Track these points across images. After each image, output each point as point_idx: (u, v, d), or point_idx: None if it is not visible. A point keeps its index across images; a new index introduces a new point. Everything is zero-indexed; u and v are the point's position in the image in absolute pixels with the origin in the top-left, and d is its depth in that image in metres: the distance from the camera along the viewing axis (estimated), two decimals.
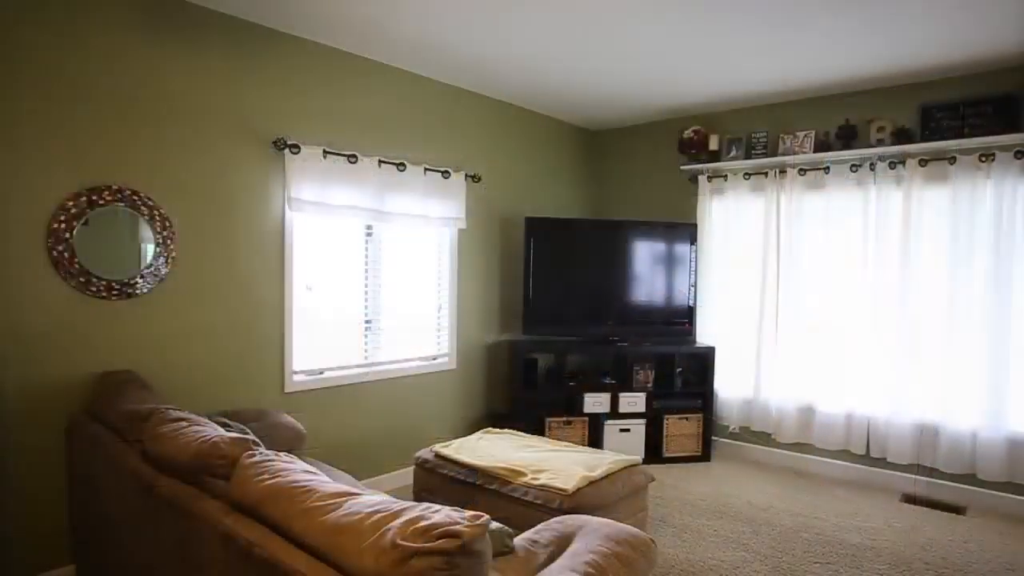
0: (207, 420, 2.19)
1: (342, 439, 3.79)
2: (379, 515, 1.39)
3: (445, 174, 4.23)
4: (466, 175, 4.42)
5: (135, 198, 2.89)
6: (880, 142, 4.17)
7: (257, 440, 1.97)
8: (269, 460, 1.74)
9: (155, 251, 2.97)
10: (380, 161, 3.83)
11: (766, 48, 3.60)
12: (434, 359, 4.37)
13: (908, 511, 3.83)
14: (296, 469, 1.70)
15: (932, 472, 4.07)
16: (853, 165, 4.29)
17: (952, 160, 3.94)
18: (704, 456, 4.73)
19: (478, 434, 3.69)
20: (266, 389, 3.43)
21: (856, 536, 3.44)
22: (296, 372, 3.57)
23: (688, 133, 4.94)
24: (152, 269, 2.96)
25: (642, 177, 5.43)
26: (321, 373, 3.71)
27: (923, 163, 4.04)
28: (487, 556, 1.36)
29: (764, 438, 4.75)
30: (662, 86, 4.36)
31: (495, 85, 4.41)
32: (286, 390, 3.51)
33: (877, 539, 3.41)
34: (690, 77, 4.16)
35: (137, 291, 2.91)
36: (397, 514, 1.38)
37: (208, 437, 1.90)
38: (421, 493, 3.37)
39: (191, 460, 1.86)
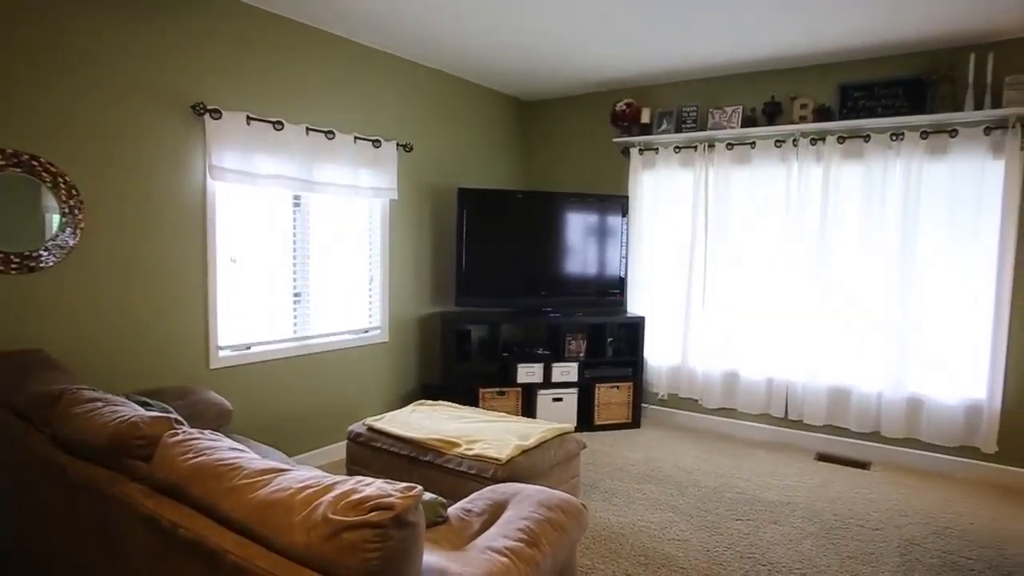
0: (125, 400, 2.09)
1: (272, 415, 3.71)
2: (310, 490, 1.37)
3: (376, 143, 4.13)
4: (398, 145, 4.33)
5: (34, 163, 2.68)
6: (803, 119, 4.34)
7: (180, 419, 1.90)
8: (194, 438, 1.69)
9: (61, 221, 2.77)
10: (308, 129, 3.69)
11: (696, 24, 3.66)
12: (366, 332, 4.31)
13: (821, 468, 4.09)
14: (223, 447, 1.65)
15: (843, 432, 4.36)
16: (777, 141, 4.45)
17: (867, 138, 4.14)
18: (634, 423, 4.89)
19: (411, 406, 3.68)
20: (190, 366, 3.30)
21: (774, 493, 3.65)
22: (222, 348, 3.45)
23: (620, 106, 4.98)
24: (58, 241, 2.77)
25: (576, 149, 5.46)
26: (248, 348, 3.59)
27: (841, 140, 4.23)
28: (421, 527, 1.36)
29: (691, 404, 4.95)
30: (595, 59, 4.38)
31: (426, 52, 4.32)
32: (212, 366, 3.39)
33: (793, 495, 3.63)
34: (622, 50, 4.19)
35: (42, 264, 2.72)
36: (328, 488, 1.37)
37: (126, 417, 1.81)
38: (354, 467, 3.34)
39: (108, 442, 1.77)
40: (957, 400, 3.97)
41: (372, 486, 1.37)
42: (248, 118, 3.37)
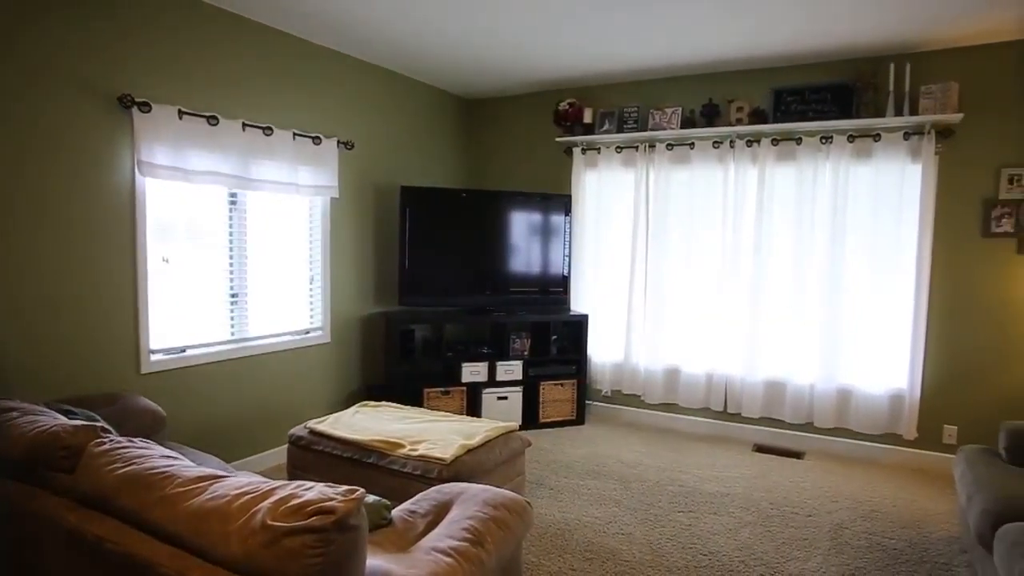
0: (45, 409, 1.98)
1: (209, 420, 3.58)
2: (247, 497, 1.33)
3: (316, 140, 4.04)
4: (338, 142, 4.25)
5: None
6: (739, 121, 4.48)
7: (108, 427, 1.81)
8: (122, 447, 1.61)
9: None
10: (244, 124, 3.58)
11: (637, 28, 3.72)
12: (307, 333, 4.21)
13: (758, 459, 4.24)
14: (154, 455, 1.58)
15: (778, 423, 4.53)
16: (715, 142, 4.58)
17: (799, 141, 4.31)
18: (579, 420, 4.95)
19: (354, 408, 3.62)
20: (119, 371, 3.15)
21: (714, 485, 3.76)
22: (154, 351, 3.31)
23: (563, 105, 5.03)
24: None
25: (519, 148, 5.48)
26: (183, 351, 3.46)
27: (775, 142, 4.39)
28: (363, 530, 1.34)
29: (634, 400, 5.04)
30: (538, 59, 4.40)
31: (368, 49, 4.25)
32: (143, 371, 3.24)
33: (732, 486, 3.74)
34: (565, 51, 4.22)
35: None
36: (267, 494, 1.33)
37: (46, 426, 1.72)
38: (295, 472, 3.27)
39: (25, 454, 1.67)
40: (882, 391, 4.18)
41: (313, 490, 1.34)
42: (180, 112, 3.24)
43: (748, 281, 4.52)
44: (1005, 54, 3.82)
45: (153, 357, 3.30)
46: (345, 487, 1.36)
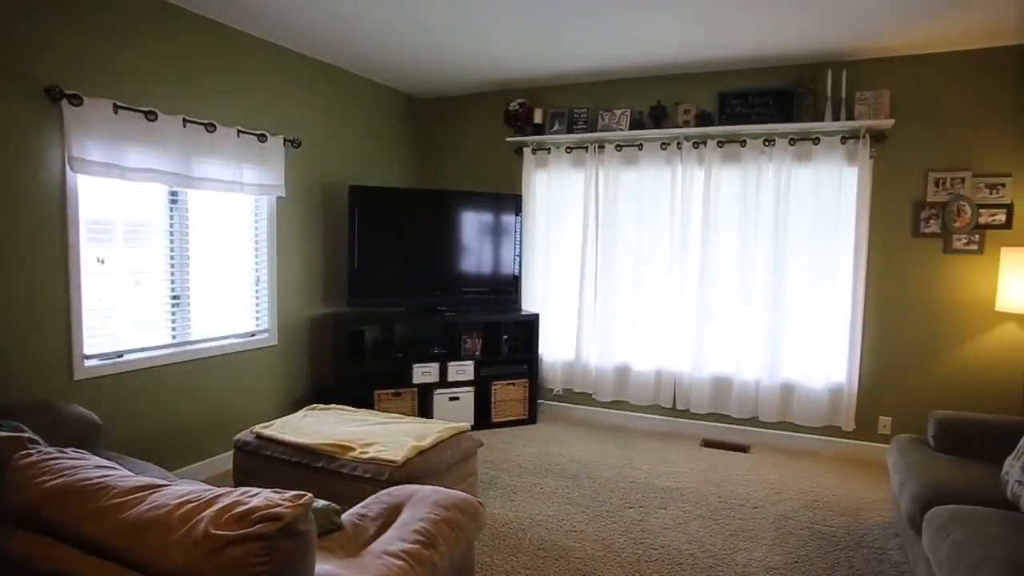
0: None
1: (149, 428, 3.44)
2: (189, 506, 1.28)
3: (261, 138, 3.93)
4: (285, 140, 4.15)
5: None
6: (686, 123, 4.57)
7: (35, 437, 1.72)
8: (52, 458, 1.53)
9: None
10: (186, 120, 3.45)
11: (586, 30, 3.76)
12: (253, 335, 4.10)
13: (706, 454, 4.34)
14: (87, 465, 1.51)
15: (725, 418, 4.65)
16: (663, 143, 4.66)
17: (743, 143, 4.43)
18: (531, 419, 4.96)
19: (303, 411, 3.55)
20: (50, 378, 2.99)
21: (664, 480, 3.83)
22: (88, 357, 3.16)
23: (514, 106, 5.04)
24: None
25: (470, 147, 5.47)
26: (120, 356, 3.31)
27: (721, 144, 4.49)
28: (312, 536, 1.31)
29: (585, 398, 5.09)
30: (489, 59, 4.40)
31: (316, 46, 4.16)
32: (76, 377, 3.09)
33: (681, 481, 3.82)
34: (516, 52, 4.23)
35: None
36: (210, 502, 1.29)
37: None
38: (242, 478, 3.18)
39: None
40: (822, 385, 4.34)
41: (258, 496, 1.30)
42: (116, 106, 3.10)
43: (695, 279, 4.63)
44: (933, 65, 4.02)
45: (87, 363, 3.15)
46: (292, 492, 1.33)
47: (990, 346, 3.99)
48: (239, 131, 3.78)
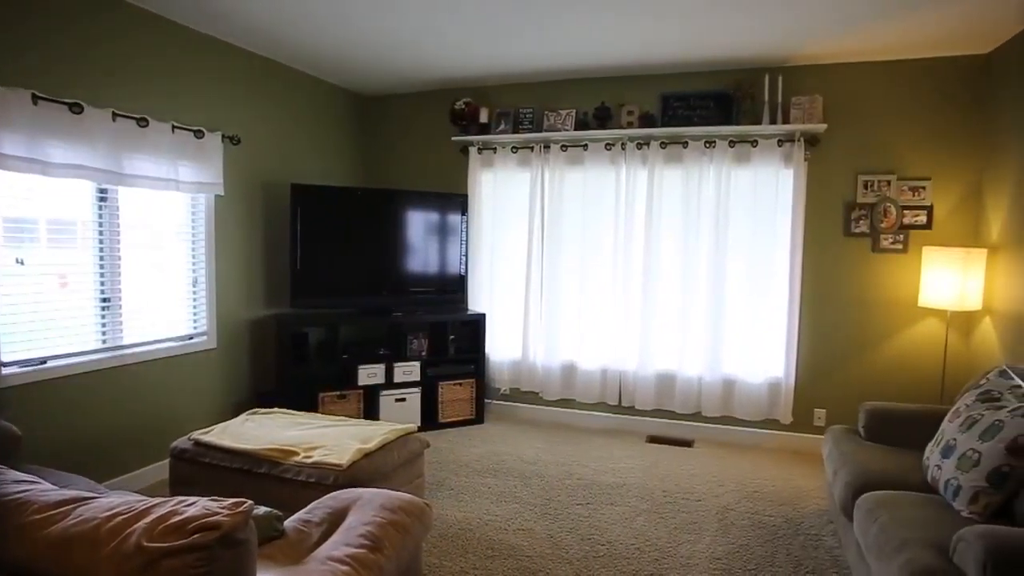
0: None
1: (77, 438, 3.27)
2: (119, 518, 1.22)
3: (198, 134, 3.79)
4: (224, 136, 4.01)
5: None
6: (630, 124, 4.64)
7: None
8: None
9: None
10: (115, 114, 3.29)
11: (531, 30, 3.77)
12: (190, 338, 3.95)
13: (651, 449, 4.42)
14: (4, 481, 1.42)
15: (669, 414, 4.75)
16: (607, 144, 4.72)
17: (685, 144, 4.53)
18: (478, 419, 4.95)
19: (243, 416, 3.44)
20: None
21: (611, 477, 3.88)
22: (6, 364, 2.97)
23: (460, 104, 5.01)
24: None
25: (416, 146, 5.41)
26: (43, 363, 3.13)
27: (663, 146, 4.58)
28: (252, 544, 1.27)
29: (532, 397, 5.11)
30: (434, 57, 4.36)
31: (256, 41, 4.04)
32: None
33: (627, 477, 3.88)
34: (461, 50, 4.21)
35: None
36: (143, 513, 1.23)
37: None
38: (179, 488, 3.05)
39: None
40: (762, 379, 4.48)
41: (195, 506, 1.25)
42: (35, 97, 2.92)
43: (640, 278, 4.70)
44: (862, 73, 4.20)
45: (6, 370, 2.96)
46: (231, 500, 1.28)
47: (914, 340, 4.20)
48: (174, 126, 3.64)
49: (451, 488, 3.66)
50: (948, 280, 3.71)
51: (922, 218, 4.14)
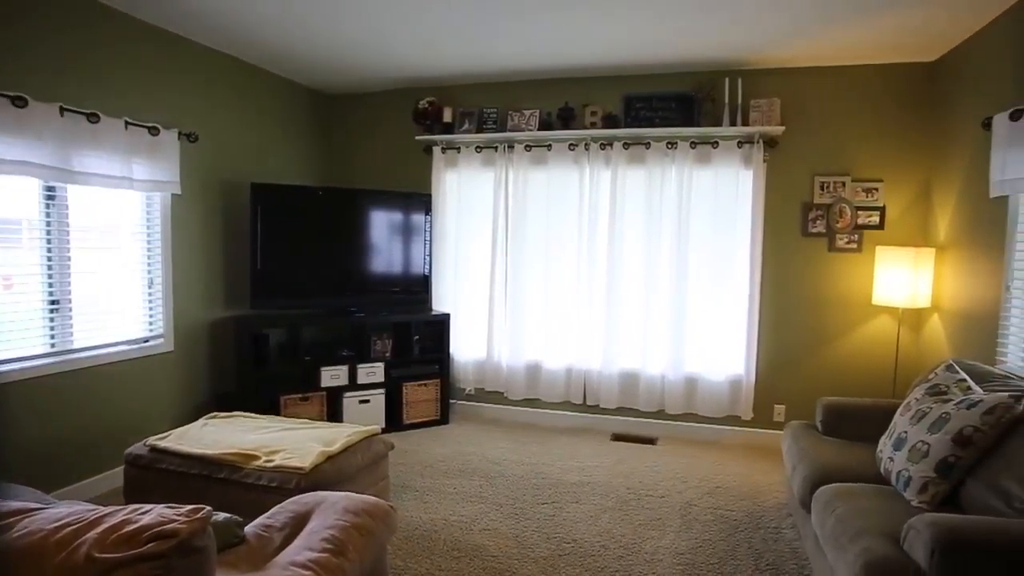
0: None
1: (24, 447, 3.13)
2: (68, 529, 1.18)
3: (153, 131, 3.68)
4: (180, 133, 3.91)
5: None
6: (593, 125, 4.67)
7: None
8: None
9: None
10: (63, 109, 3.17)
11: (494, 31, 3.76)
12: (145, 341, 3.84)
13: (615, 447, 4.46)
14: None
15: (633, 412, 4.80)
16: (571, 144, 4.74)
17: (648, 145, 4.58)
18: (443, 419, 4.93)
19: (202, 420, 3.36)
20: None
21: (576, 475, 3.90)
22: None
23: (423, 104, 4.98)
24: None
25: (379, 145, 5.36)
26: None
27: (626, 146, 4.63)
28: (211, 551, 1.24)
29: (497, 397, 5.11)
30: (398, 56, 4.32)
31: (214, 36, 3.95)
32: None
33: (592, 475, 3.90)
34: (425, 50, 4.18)
35: None
36: (93, 523, 1.19)
37: None
38: (134, 495, 2.97)
39: None
40: (723, 377, 4.56)
41: (150, 513, 1.21)
42: None
43: (603, 278, 4.74)
44: (818, 77, 4.32)
45: None
46: (189, 506, 1.25)
47: (868, 337, 4.33)
48: (127, 123, 3.52)
49: (416, 489, 3.63)
50: (899, 279, 3.83)
51: (875, 219, 4.27)
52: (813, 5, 3.31)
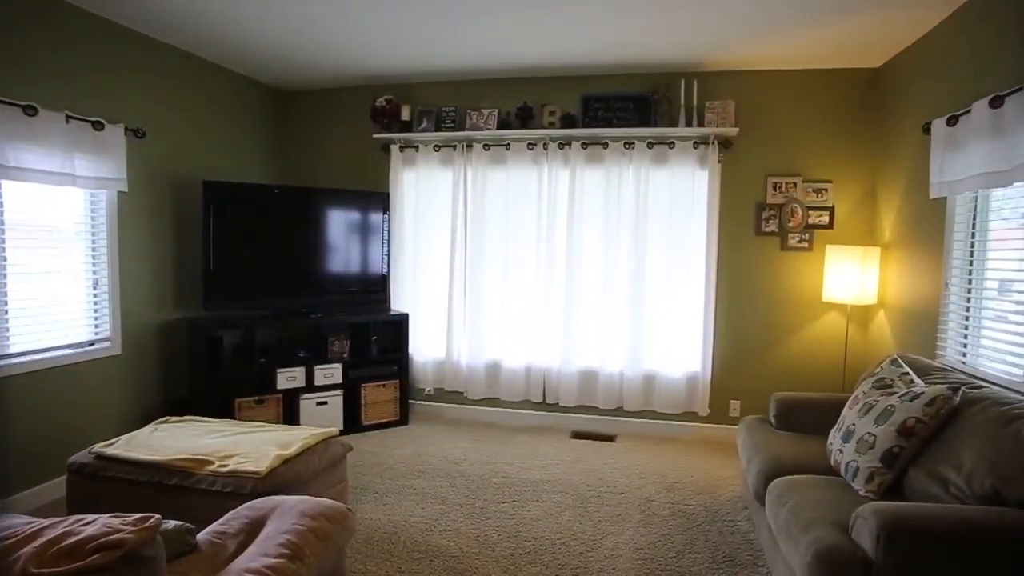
0: None
1: None
2: (1, 544, 1.12)
3: (97, 125, 3.54)
4: (126, 129, 3.77)
5: None
6: (552, 125, 4.69)
7: None
8: None
9: None
10: None
11: (453, 30, 3.75)
12: (91, 345, 3.69)
13: (575, 445, 4.49)
14: None
15: (593, 410, 4.84)
16: (530, 144, 4.75)
17: (605, 145, 4.62)
18: (402, 420, 4.88)
19: (151, 426, 3.25)
20: None
21: (536, 473, 3.91)
22: None
23: (381, 102, 4.92)
24: None
25: (336, 143, 5.27)
26: None
27: (584, 146, 4.66)
28: (159, 561, 1.20)
29: (457, 396, 5.09)
30: (355, 53, 4.26)
31: (163, 29, 3.83)
32: None
33: (552, 473, 3.92)
34: (382, 47, 4.13)
35: None
36: (31, 537, 1.13)
37: None
38: (78, 506, 2.85)
39: None
40: (680, 374, 4.63)
41: (94, 524, 1.17)
42: None
43: (562, 277, 4.77)
44: (770, 80, 4.43)
45: None
46: (137, 515, 1.21)
47: (819, 333, 4.46)
48: (69, 116, 3.38)
49: (376, 491, 3.59)
50: (848, 277, 3.96)
51: (825, 218, 4.40)
52: (761, 11, 3.39)
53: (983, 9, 3.04)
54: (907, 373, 2.79)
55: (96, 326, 3.75)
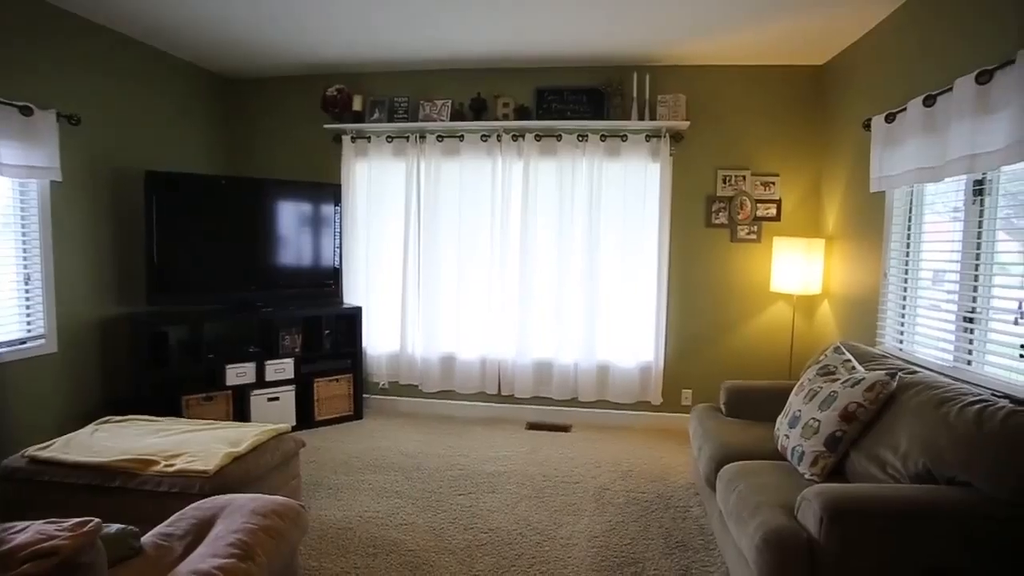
0: None
1: None
2: None
3: (25, 111, 3.36)
4: (59, 115, 3.59)
5: None
6: (505, 116, 4.68)
7: None
8: None
9: None
10: None
11: (405, 19, 3.69)
12: (23, 343, 3.51)
13: (530, 436, 4.51)
14: None
15: (547, 401, 4.87)
16: (483, 135, 4.73)
17: (559, 138, 4.63)
18: (356, 414, 4.82)
19: (91, 426, 3.13)
20: None
21: (492, 465, 3.92)
22: None
23: (332, 91, 4.82)
24: None
25: (286, 133, 5.14)
26: None
27: (538, 138, 4.66)
28: (99, 567, 1.15)
29: (412, 390, 5.05)
30: (304, 41, 4.16)
31: (100, 10, 3.65)
32: None
33: (508, 464, 3.93)
34: (332, 35, 4.04)
35: None
36: None
37: None
38: (10, 514, 2.71)
39: None
40: (633, 364, 4.70)
41: (26, 532, 1.11)
42: None
43: (516, 268, 4.77)
44: (720, 75, 4.51)
45: None
46: (74, 520, 1.15)
47: (766, 322, 4.59)
48: None
49: (330, 487, 3.54)
50: (794, 267, 4.08)
51: (772, 211, 4.52)
52: (711, 6, 3.45)
53: (919, 10, 3.16)
54: (849, 360, 2.90)
55: (29, 323, 3.58)
